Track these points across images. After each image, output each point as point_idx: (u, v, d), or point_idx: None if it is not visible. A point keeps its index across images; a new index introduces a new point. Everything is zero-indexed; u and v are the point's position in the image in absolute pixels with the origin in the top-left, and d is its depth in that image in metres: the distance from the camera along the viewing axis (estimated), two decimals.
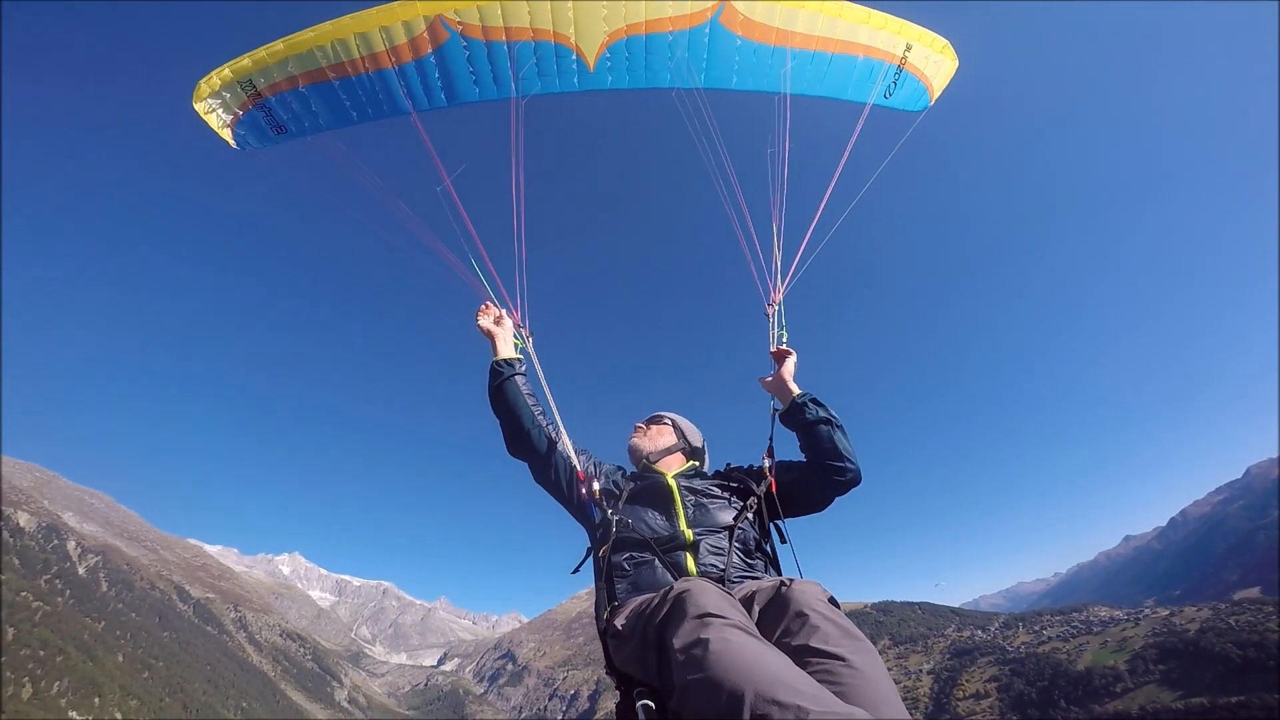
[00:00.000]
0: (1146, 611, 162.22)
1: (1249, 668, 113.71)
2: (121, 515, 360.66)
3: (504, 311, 3.47)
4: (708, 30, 4.30)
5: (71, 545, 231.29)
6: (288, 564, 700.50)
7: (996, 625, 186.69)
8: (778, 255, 3.83)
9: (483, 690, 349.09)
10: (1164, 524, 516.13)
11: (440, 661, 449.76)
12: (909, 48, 4.79)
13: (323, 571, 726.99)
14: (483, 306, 3.46)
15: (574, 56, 4.24)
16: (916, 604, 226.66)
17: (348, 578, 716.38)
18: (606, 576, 2.50)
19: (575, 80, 4.38)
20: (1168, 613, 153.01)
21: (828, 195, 4.22)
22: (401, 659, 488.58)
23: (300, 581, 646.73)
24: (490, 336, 3.32)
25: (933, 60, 4.98)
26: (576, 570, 2.84)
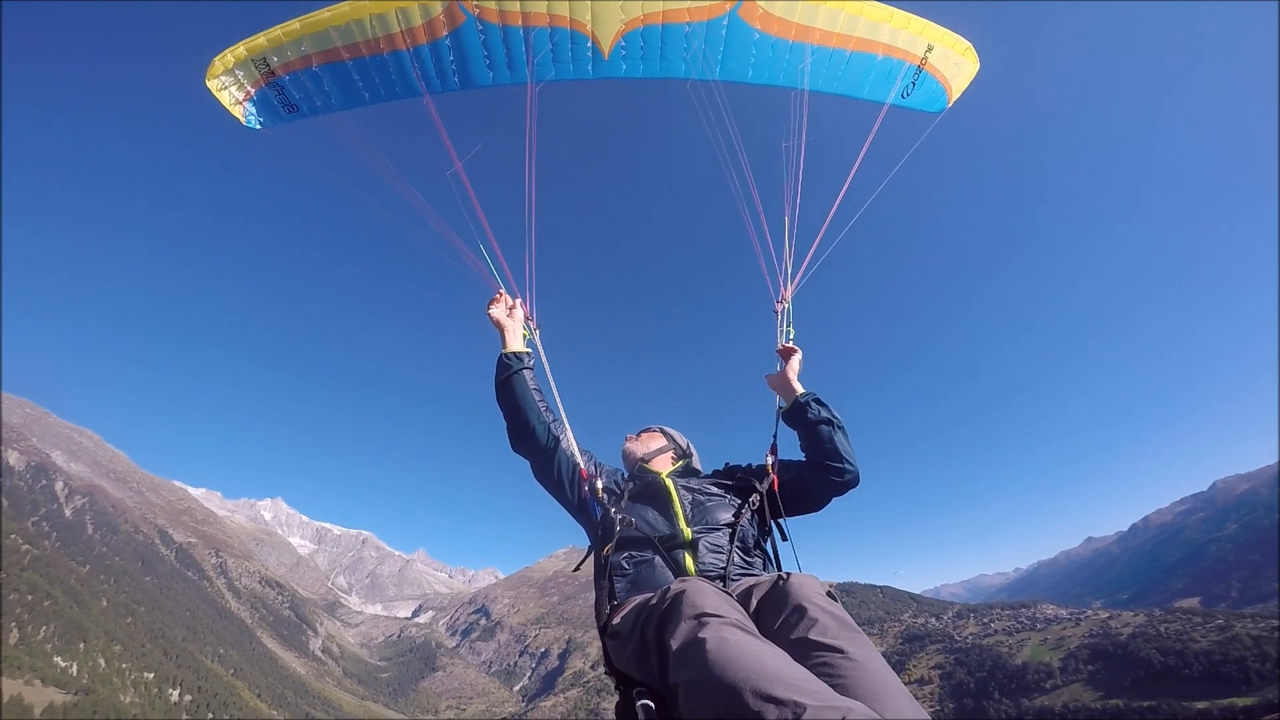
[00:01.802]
0: (1089, 613, 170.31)
1: (1167, 674, 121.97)
2: (109, 455, 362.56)
3: (518, 302, 3.47)
4: (725, 22, 4.28)
5: (59, 486, 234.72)
6: (270, 509, 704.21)
7: (950, 614, 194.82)
8: (789, 253, 3.81)
9: (454, 644, 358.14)
10: (1125, 529, 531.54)
11: (415, 613, 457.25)
12: (930, 48, 4.75)
13: (304, 518, 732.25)
14: (496, 295, 3.45)
15: (589, 44, 4.23)
16: (879, 587, 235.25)
17: (328, 526, 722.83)
18: (607, 575, 2.51)
19: (590, 68, 4.38)
20: (1107, 615, 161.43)
21: (840, 196, 4.15)
22: (377, 610, 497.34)
23: (281, 528, 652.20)
24: (500, 327, 3.30)
25: (953, 62, 4.93)
26: (577, 569, 2.89)
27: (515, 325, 3.34)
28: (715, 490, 2.84)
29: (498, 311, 3.35)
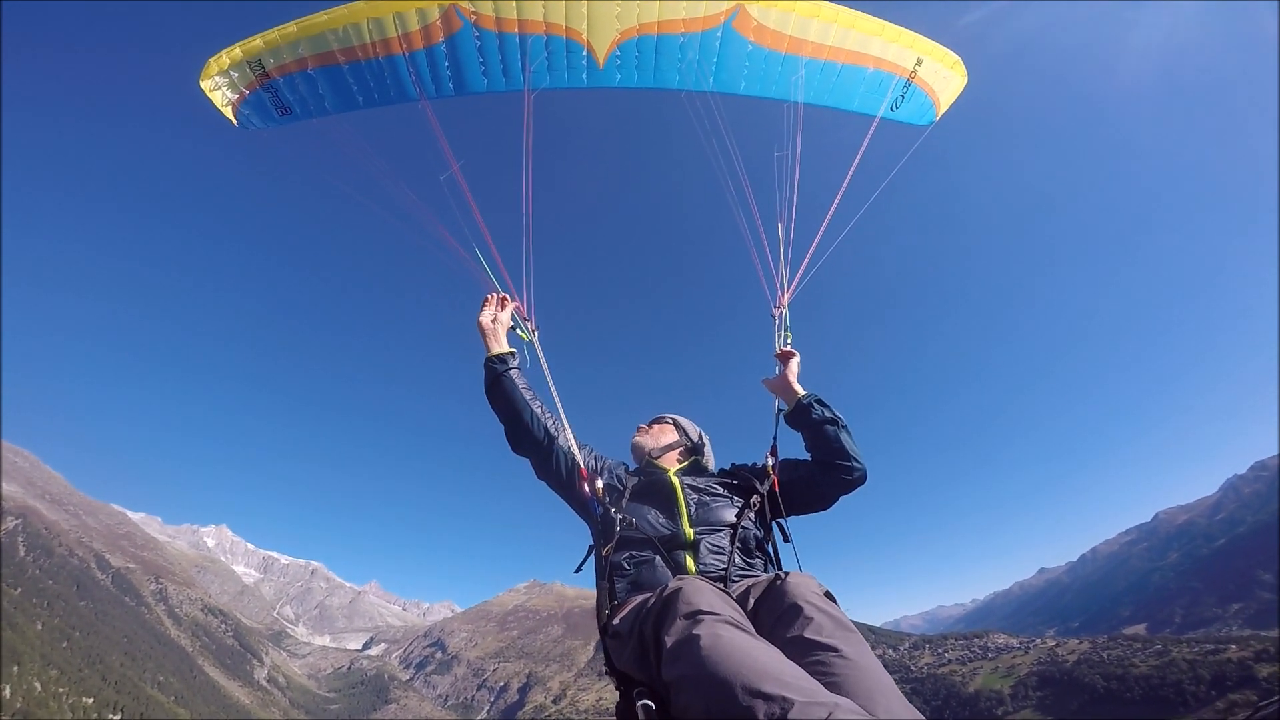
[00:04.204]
0: (1038, 641, 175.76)
1: (1110, 698, 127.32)
2: (45, 476, 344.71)
3: (506, 297, 3.44)
4: (720, 34, 4.30)
5: None
6: (213, 536, 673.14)
7: (907, 645, 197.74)
8: (785, 261, 3.81)
9: (408, 677, 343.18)
10: (1075, 559, 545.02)
11: (366, 646, 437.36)
12: (920, 62, 4.78)
13: (249, 546, 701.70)
14: (486, 298, 3.38)
15: (584, 53, 4.24)
16: None
17: (275, 555, 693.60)
18: (608, 575, 2.50)
19: (584, 76, 4.38)
20: (1054, 643, 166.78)
21: (832, 210, 4.12)
22: (325, 641, 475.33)
23: (225, 555, 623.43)
24: (482, 334, 3.25)
25: (942, 75, 4.96)
26: (579, 569, 2.87)
27: (499, 329, 3.29)
28: (720, 490, 2.83)
29: (484, 317, 3.32)
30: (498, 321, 3.33)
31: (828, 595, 2.05)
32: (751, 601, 2.10)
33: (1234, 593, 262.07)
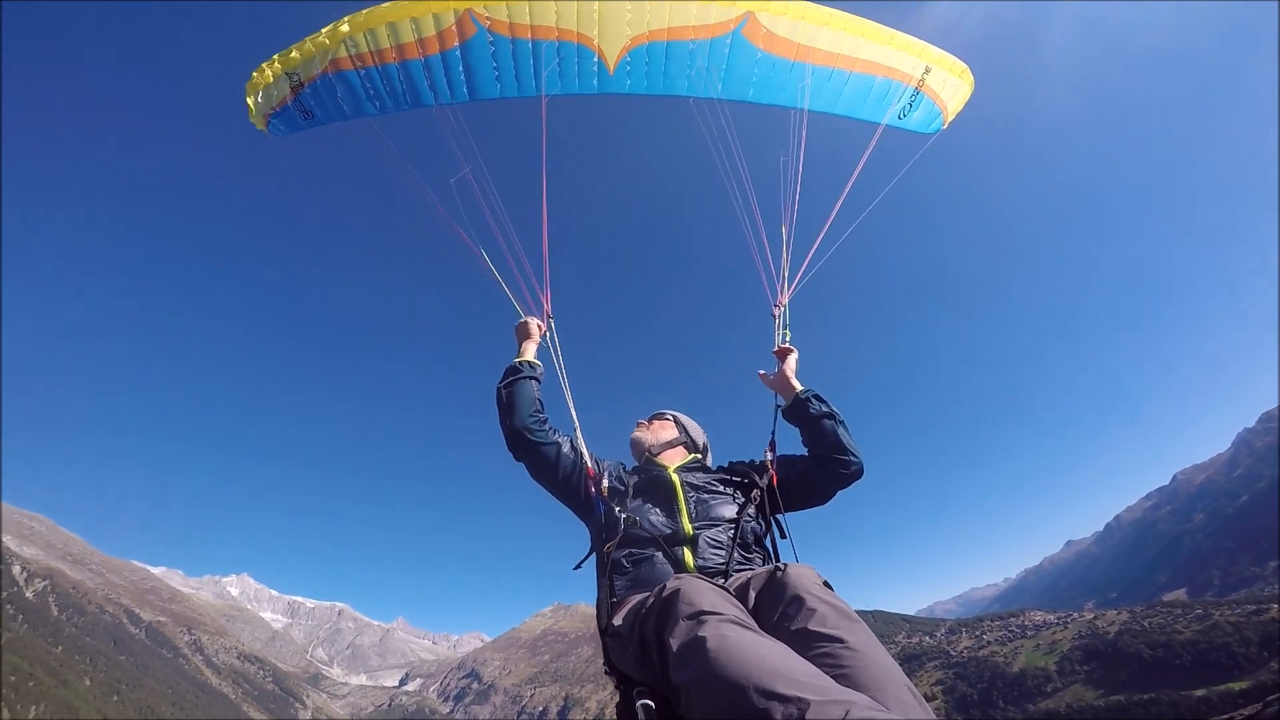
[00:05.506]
0: (1075, 615, 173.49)
1: (1158, 667, 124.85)
2: (63, 538, 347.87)
3: (544, 328, 3.53)
4: (729, 41, 4.31)
5: (17, 570, 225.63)
6: (236, 585, 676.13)
7: (943, 631, 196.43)
8: (786, 261, 3.84)
9: (449, 709, 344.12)
10: (1101, 529, 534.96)
11: (402, 682, 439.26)
12: (928, 70, 4.78)
13: (273, 593, 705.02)
14: (538, 321, 3.52)
15: (595, 58, 4.27)
16: (870, 611, 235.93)
17: (300, 599, 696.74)
18: (608, 573, 2.50)
19: (595, 82, 4.41)
20: (1092, 616, 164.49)
21: (834, 214, 4.12)
22: (361, 680, 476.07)
23: (250, 603, 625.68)
24: (523, 339, 3.41)
25: (950, 84, 4.95)
26: (578, 567, 2.87)
27: (534, 343, 3.41)
28: (719, 487, 2.85)
29: (529, 327, 3.47)
30: (534, 338, 3.45)
31: (826, 584, 2.03)
32: (752, 594, 2.07)
33: (1269, 550, 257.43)
